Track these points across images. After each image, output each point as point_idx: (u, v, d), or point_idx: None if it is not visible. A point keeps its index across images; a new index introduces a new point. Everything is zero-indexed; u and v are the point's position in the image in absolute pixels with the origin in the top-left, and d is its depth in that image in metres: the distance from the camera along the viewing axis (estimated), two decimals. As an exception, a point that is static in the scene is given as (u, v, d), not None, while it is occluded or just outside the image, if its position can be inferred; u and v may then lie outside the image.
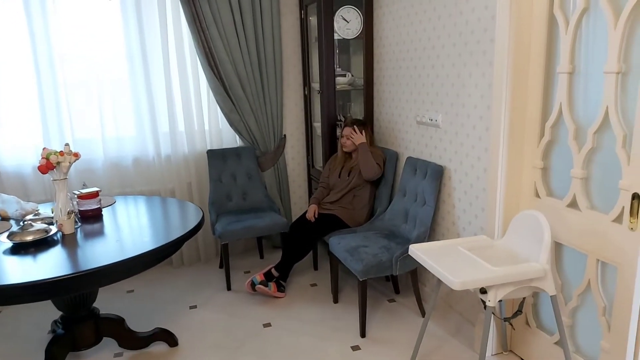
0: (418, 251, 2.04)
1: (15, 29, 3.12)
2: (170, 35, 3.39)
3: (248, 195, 3.67)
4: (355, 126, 3.14)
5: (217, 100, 3.56)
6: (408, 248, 2.58)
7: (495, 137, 2.25)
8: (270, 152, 3.81)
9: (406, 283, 3.17)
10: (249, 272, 3.58)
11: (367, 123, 3.27)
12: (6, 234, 2.23)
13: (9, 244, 2.20)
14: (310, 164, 3.99)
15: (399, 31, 3.04)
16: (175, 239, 2.31)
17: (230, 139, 3.77)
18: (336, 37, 3.33)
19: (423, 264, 1.99)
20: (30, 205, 2.63)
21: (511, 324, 2.36)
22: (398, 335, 2.64)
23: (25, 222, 2.28)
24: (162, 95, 3.45)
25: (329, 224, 3.14)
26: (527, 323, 2.37)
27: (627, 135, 1.72)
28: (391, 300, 3.05)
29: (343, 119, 3.54)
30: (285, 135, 3.90)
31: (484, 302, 1.91)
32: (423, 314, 2.84)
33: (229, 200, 3.62)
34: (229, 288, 3.29)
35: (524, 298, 2.08)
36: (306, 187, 4.10)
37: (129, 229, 2.53)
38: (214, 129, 3.69)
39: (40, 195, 3.30)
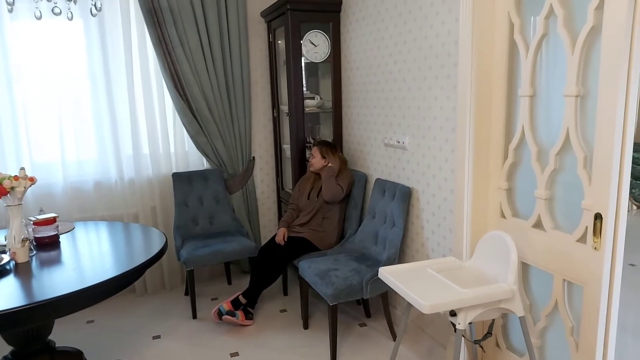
0: (387, 274, 2.01)
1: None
2: (134, 56, 3.32)
3: (215, 219, 3.58)
4: (322, 148, 3.13)
5: (183, 122, 3.49)
6: (378, 271, 2.56)
7: (460, 159, 2.28)
8: (239, 174, 3.75)
9: (377, 306, 3.13)
10: (216, 298, 3.46)
11: (335, 145, 3.27)
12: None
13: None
14: (279, 186, 3.95)
15: (366, 55, 3.08)
16: (137, 266, 2.20)
17: (197, 161, 3.69)
18: (304, 60, 3.35)
19: (393, 287, 1.96)
20: (-21, 233, 2.47)
21: (481, 346, 2.35)
22: (370, 359, 2.59)
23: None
24: (126, 117, 3.36)
25: (299, 247, 3.08)
26: (497, 345, 2.36)
27: (588, 157, 1.76)
28: (362, 325, 3.00)
29: (312, 141, 3.54)
30: (254, 157, 3.86)
31: (454, 325, 1.89)
32: (394, 337, 2.80)
33: (195, 224, 3.52)
34: (194, 316, 3.16)
35: (494, 320, 2.07)
36: (276, 210, 4.05)
37: (88, 256, 2.41)
38: (180, 151, 3.61)
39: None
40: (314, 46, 3.36)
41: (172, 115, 3.52)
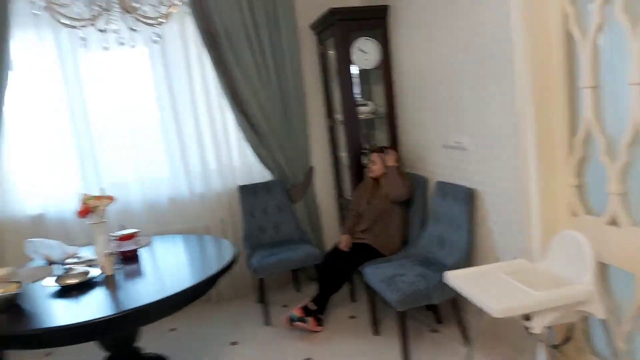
0: (454, 278, 1.99)
1: (50, 80, 3.32)
2: (195, 77, 3.54)
3: (280, 228, 3.70)
4: (382, 154, 3.15)
5: (244, 137, 3.65)
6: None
7: (524, 156, 2.21)
8: (300, 184, 3.85)
9: (448, 312, 3.07)
10: (286, 306, 3.56)
11: (393, 149, 3.27)
12: (53, 278, 2.32)
13: (56, 287, 2.29)
14: (338, 194, 4.00)
15: (417, 58, 3.07)
16: (211, 275, 2.34)
17: (260, 173, 3.83)
18: (355, 68, 3.39)
19: (460, 292, 1.94)
20: (71, 249, 2.74)
21: (560, 351, 2.25)
22: (442, 366, 2.56)
23: (68, 266, 2.37)
24: (192, 135, 3.58)
25: (363, 253, 3.11)
26: (580, 350, 2.25)
27: (665, 147, 1.65)
28: (433, 331, 2.97)
29: (368, 148, 3.56)
30: (312, 166, 3.94)
31: (528, 330, 1.83)
32: (468, 343, 2.74)
33: (262, 233, 3.66)
34: (267, 323, 3.28)
35: (573, 323, 1.98)
36: (337, 217, 4.10)
37: (166, 268, 2.60)
38: (245, 164, 3.77)
39: (82, 239, 3.42)
40: (364, 53, 3.39)
41: (235, 131, 3.69)
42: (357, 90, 3.46)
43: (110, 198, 2.44)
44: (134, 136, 3.50)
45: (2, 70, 3.13)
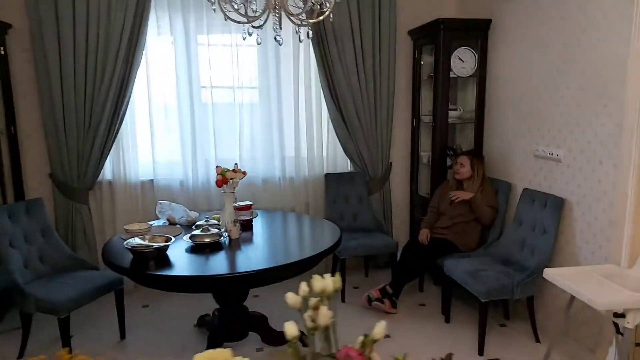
0: (554, 275, 2.23)
1: (168, 60, 3.69)
2: (301, 70, 3.85)
3: (358, 217, 3.98)
4: (473, 159, 3.37)
5: (335, 129, 3.95)
6: (529, 274, 2.78)
7: (624, 174, 2.42)
8: (378, 177, 4.12)
9: (515, 309, 3.30)
10: (357, 287, 3.85)
11: (483, 157, 3.49)
12: (188, 235, 2.67)
13: (190, 244, 2.63)
14: (413, 190, 4.25)
15: (515, 70, 3.29)
16: (322, 251, 2.64)
17: (342, 163, 4.13)
18: (451, 74, 3.63)
19: (561, 286, 2.17)
20: (193, 214, 3.09)
21: None
22: (515, 357, 2.80)
23: (204, 227, 2.71)
24: (290, 124, 3.90)
25: (442, 247, 3.37)
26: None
27: None
28: (502, 325, 3.20)
29: (452, 151, 3.80)
30: (391, 162, 4.21)
31: (617, 327, 2.06)
32: (537, 339, 2.97)
33: (341, 220, 3.94)
34: (343, 300, 3.58)
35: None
36: (408, 212, 4.36)
37: (278, 240, 2.94)
38: (331, 154, 4.07)
39: (185, 205, 3.79)
40: (462, 62, 3.63)
41: (327, 123, 4.00)
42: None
43: (244, 173, 2.77)
44: (241, 119, 3.85)
45: (138, 50, 3.50)
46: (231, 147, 3.87)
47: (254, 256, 2.70)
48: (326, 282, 0.87)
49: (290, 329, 0.86)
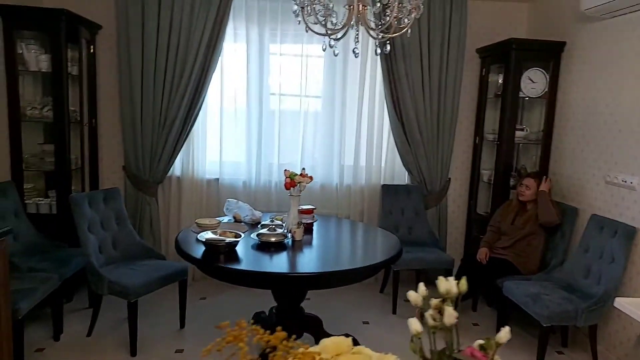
0: (629, 305, 2.16)
1: (237, 66, 3.87)
2: (366, 82, 3.93)
3: (413, 230, 3.99)
4: (540, 182, 3.33)
5: (396, 142, 3.99)
6: (595, 301, 2.70)
7: None
8: (435, 192, 4.12)
9: (573, 337, 3.20)
10: (408, 300, 3.83)
11: (549, 177, 3.43)
12: (255, 232, 2.78)
13: (257, 242, 2.74)
14: (471, 208, 4.21)
15: (589, 94, 3.22)
16: (382, 261, 2.67)
17: (400, 176, 4.16)
18: (520, 95, 3.60)
19: (636, 317, 2.11)
20: (258, 214, 3.21)
21: None
22: (574, 386, 2.72)
23: (270, 227, 2.81)
24: (352, 134, 3.98)
25: (501, 268, 3.32)
26: None
27: None
28: (559, 352, 3.11)
29: (517, 172, 3.75)
30: (450, 178, 4.19)
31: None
32: (598, 370, 2.87)
33: (396, 231, 3.94)
34: (394, 312, 3.59)
35: None
36: (464, 230, 4.32)
37: (339, 245, 3.00)
38: (389, 166, 4.11)
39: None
40: (532, 82, 3.59)
41: (387, 135, 4.05)
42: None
43: (311, 178, 2.86)
44: (305, 125, 3.97)
45: (215, 55, 3.70)
46: (293, 152, 4.00)
47: (316, 258, 2.77)
48: (451, 284, 0.92)
49: (415, 325, 0.91)
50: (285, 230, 2.85)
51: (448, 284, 0.92)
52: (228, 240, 2.54)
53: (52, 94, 3.44)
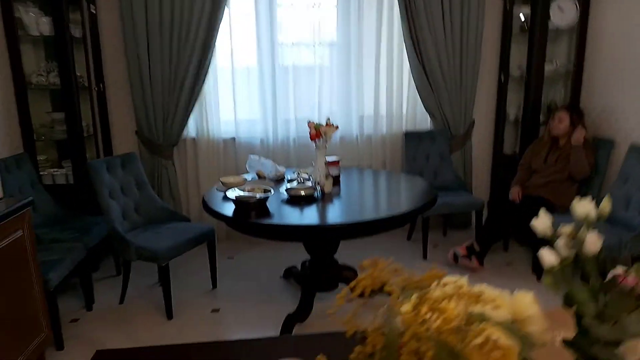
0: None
1: (247, 19, 3.65)
2: (384, 25, 3.72)
3: (438, 175, 3.88)
4: (574, 115, 3.16)
5: (417, 85, 3.81)
6: (639, 233, 2.62)
7: None
8: (460, 135, 3.97)
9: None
10: (437, 245, 3.79)
11: (584, 114, 3.26)
12: (284, 187, 2.69)
13: (286, 196, 2.65)
14: (497, 149, 4.07)
15: (623, 24, 3.02)
16: (417, 208, 2.58)
17: (423, 122, 4.01)
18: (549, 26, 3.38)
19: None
20: (281, 169, 3.10)
21: None
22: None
23: (300, 181, 2.72)
24: (370, 82, 3.81)
25: (536, 205, 3.19)
26: None
27: None
28: (598, 287, 3.07)
29: (554, 105, 3.58)
30: (474, 120, 4.04)
31: None
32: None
33: (421, 177, 3.86)
34: (424, 257, 3.54)
35: None
36: (489, 171, 4.20)
37: (369, 195, 2.90)
38: (410, 112, 3.96)
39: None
40: (562, 12, 3.36)
41: (408, 80, 3.87)
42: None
43: (337, 127, 2.73)
44: (317, 78, 3.80)
45: (221, 3, 3.48)
46: (310, 107, 3.84)
47: (350, 209, 2.69)
48: (590, 207, 0.79)
49: (549, 258, 0.79)
50: (314, 183, 2.76)
51: (587, 207, 0.79)
52: (259, 195, 2.45)
53: (56, 58, 3.27)
